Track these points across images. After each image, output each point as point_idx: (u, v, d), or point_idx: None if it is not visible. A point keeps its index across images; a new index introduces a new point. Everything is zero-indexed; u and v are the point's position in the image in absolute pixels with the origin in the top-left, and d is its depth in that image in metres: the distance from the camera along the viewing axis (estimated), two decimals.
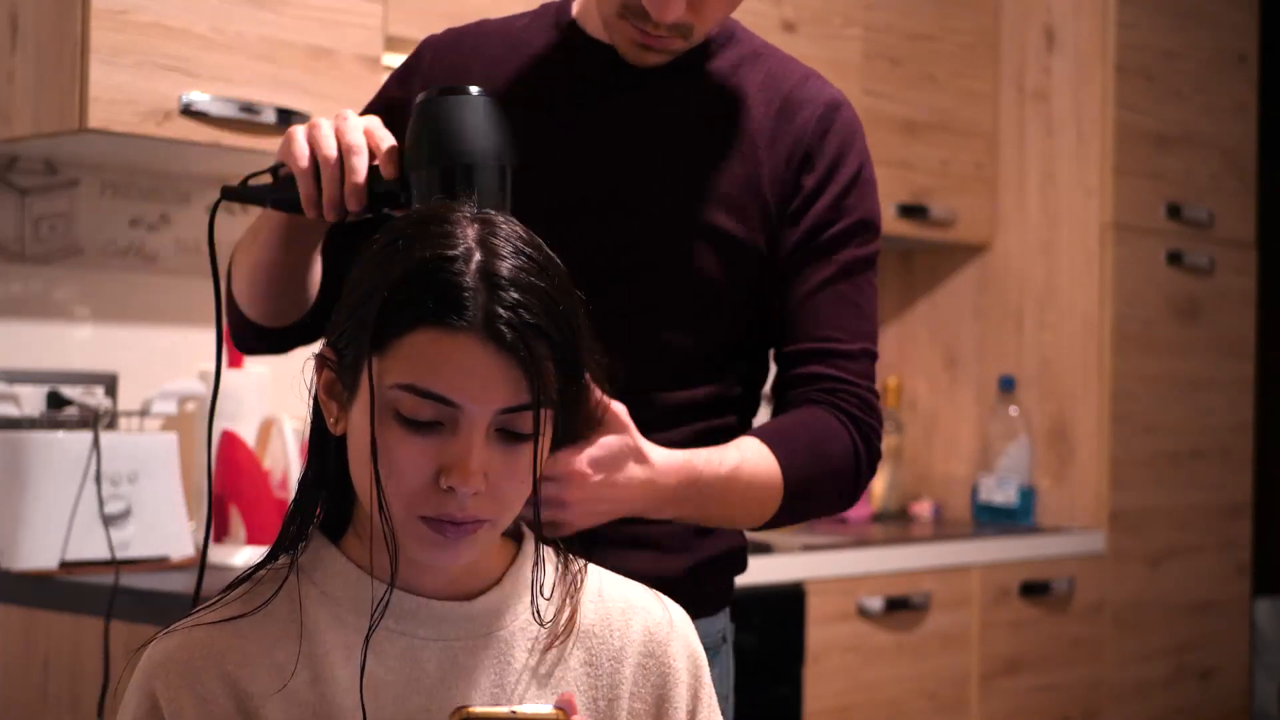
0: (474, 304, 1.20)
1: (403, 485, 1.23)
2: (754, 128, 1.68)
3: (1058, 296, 3.74)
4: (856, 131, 1.72)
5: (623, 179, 1.65)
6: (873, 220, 1.71)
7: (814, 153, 1.68)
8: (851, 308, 1.67)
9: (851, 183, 1.69)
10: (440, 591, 1.30)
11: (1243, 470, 4.06)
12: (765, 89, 1.70)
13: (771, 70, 1.72)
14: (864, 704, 3.13)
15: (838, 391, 1.64)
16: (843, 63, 3.47)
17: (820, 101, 1.71)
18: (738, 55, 1.73)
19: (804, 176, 1.67)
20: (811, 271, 1.66)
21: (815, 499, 1.63)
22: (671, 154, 1.66)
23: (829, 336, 1.65)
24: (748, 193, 1.66)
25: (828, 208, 1.67)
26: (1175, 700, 3.82)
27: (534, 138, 1.60)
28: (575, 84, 1.68)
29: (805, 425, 1.62)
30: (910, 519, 3.82)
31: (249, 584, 1.31)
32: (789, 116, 1.69)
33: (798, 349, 1.66)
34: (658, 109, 1.67)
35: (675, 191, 1.65)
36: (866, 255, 1.70)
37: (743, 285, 1.66)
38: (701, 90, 1.69)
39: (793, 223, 1.67)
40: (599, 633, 1.35)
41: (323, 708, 1.26)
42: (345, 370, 1.27)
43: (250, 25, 2.48)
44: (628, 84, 1.67)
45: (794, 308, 1.66)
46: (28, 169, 2.69)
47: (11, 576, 2.39)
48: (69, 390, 2.58)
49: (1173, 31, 3.84)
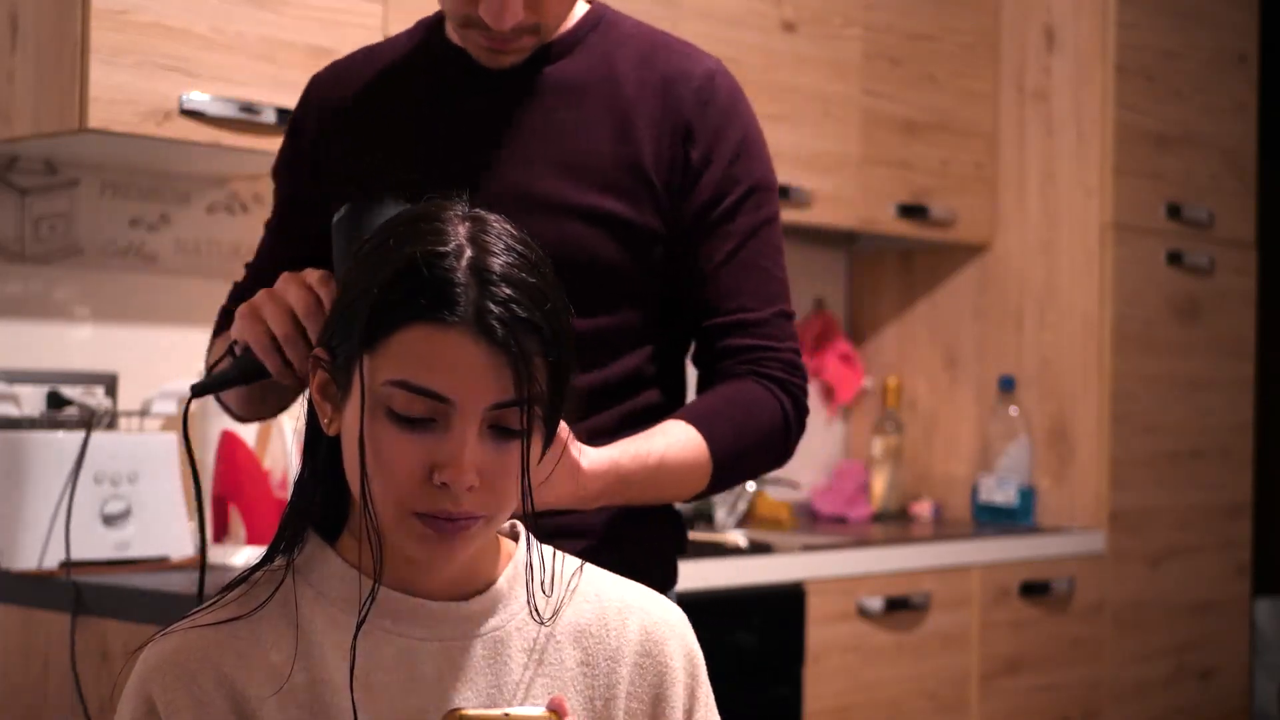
0: (465, 299, 1.20)
1: (396, 482, 1.23)
2: (631, 109, 1.70)
3: (1058, 296, 3.74)
4: (737, 97, 1.74)
5: (501, 179, 1.67)
6: (766, 183, 1.74)
7: (695, 126, 1.70)
8: (758, 273, 1.71)
9: (738, 151, 1.72)
10: (436, 592, 1.31)
11: (1243, 470, 4.06)
12: (639, 68, 1.72)
13: (643, 50, 1.74)
14: (864, 704, 3.13)
15: (759, 360, 1.70)
16: (843, 63, 3.47)
17: (696, 74, 1.72)
18: (606, 39, 1.74)
19: (689, 151, 1.70)
20: (713, 246, 1.70)
21: (746, 468, 1.70)
22: (547, 147, 1.68)
23: (741, 307, 1.70)
24: (631, 174, 1.68)
25: (718, 180, 1.70)
26: (1175, 700, 3.82)
27: (409, 150, 1.66)
28: (442, 93, 1.71)
29: (730, 400, 1.68)
30: (910, 519, 3.82)
31: (245, 586, 1.31)
32: (667, 93, 1.71)
33: (713, 324, 1.71)
34: (526, 105, 1.69)
35: (557, 182, 1.67)
36: (765, 217, 1.73)
37: (643, 266, 1.69)
38: (570, 79, 1.71)
39: (685, 199, 1.70)
40: (595, 632, 1.35)
41: (319, 708, 1.26)
42: (338, 370, 1.27)
43: (250, 25, 2.49)
44: (488, 86, 1.70)
45: (702, 283, 1.70)
46: (28, 169, 2.69)
47: (11, 576, 2.39)
48: (69, 390, 2.58)
49: (1173, 31, 3.84)
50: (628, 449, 1.59)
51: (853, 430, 4.05)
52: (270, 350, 1.50)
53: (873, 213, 3.55)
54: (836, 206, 3.46)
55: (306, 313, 1.47)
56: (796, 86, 3.37)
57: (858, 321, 4.09)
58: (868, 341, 4.06)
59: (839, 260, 4.07)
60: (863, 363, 4.02)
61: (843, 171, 3.47)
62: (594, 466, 1.53)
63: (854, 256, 4.09)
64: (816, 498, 3.82)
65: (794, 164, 3.35)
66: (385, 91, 1.75)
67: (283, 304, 1.49)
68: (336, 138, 1.75)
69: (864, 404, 4.03)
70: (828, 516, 3.76)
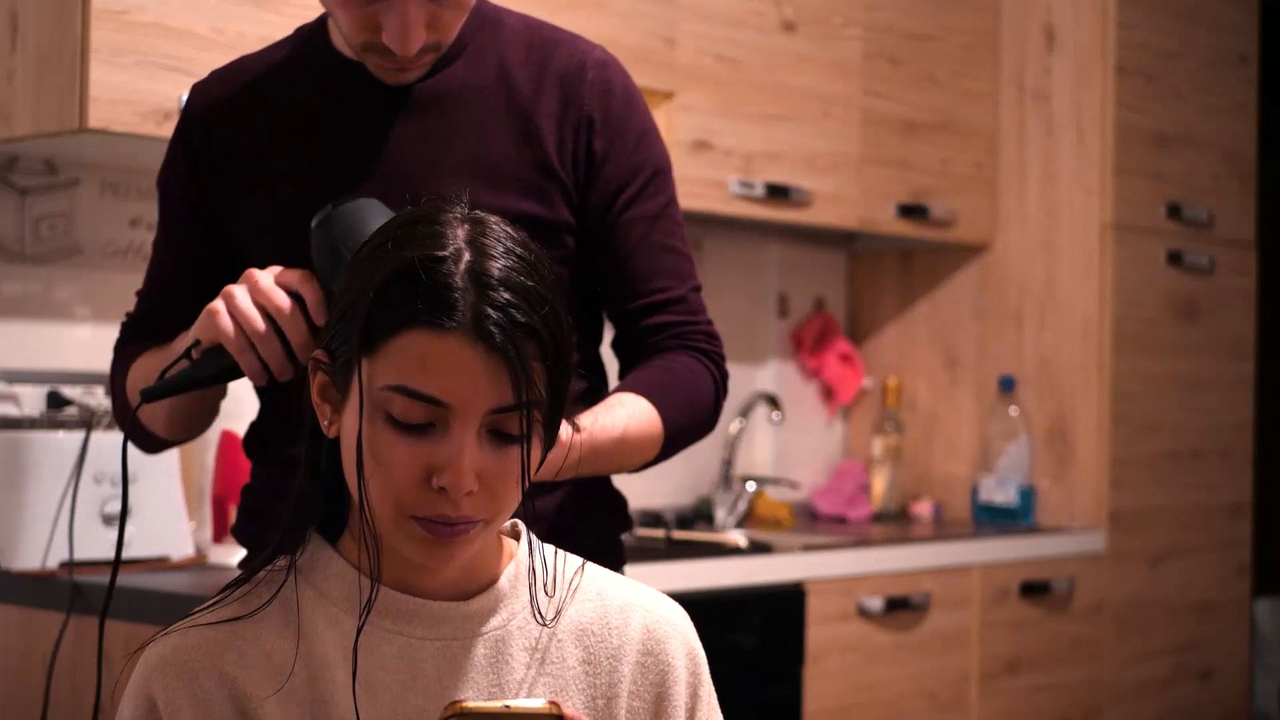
0: (463, 304, 1.20)
1: (395, 485, 1.23)
2: (530, 107, 1.72)
3: (1058, 296, 3.74)
4: (630, 85, 1.78)
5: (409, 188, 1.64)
6: (664, 165, 1.80)
7: (596, 118, 1.73)
8: (669, 253, 1.77)
9: (639, 138, 1.76)
10: (438, 592, 1.30)
11: (1243, 470, 4.06)
12: (530, 65, 1.73)
13: (531, 44, 1.75)
14: (864, 704, 3.13)
15: (686, 334, 1.76)
16: (843, 63, 3.47)
17: (589, 65, 1.75)
18: (494, 38, 1.75)
19: (593, 142, 1.73)
20: (624, 233, 1.74)
21: (687, 439, 1.75)
22: (452, 153, 1.69)
23: (661, 287, 1.76)
24: (540, 172, 1.70)
25: (623, 169, 1.74)
26: (1175, 700, 3.82)
27: (308, 166, 1.67)
28: (338, 103, 1.71)
29: (673, 373, 1.73)
30: (910, 519, 3.82)
31: (247, 585, 1.31)
32: (563, 87, 1.73)
33: (636, 306, 1.76)
34: (425, 112, 1.70)
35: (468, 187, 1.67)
36: (668, 198, 1.79)
37: (560, 260, 1.71)
38: (465, 83, 1.71)
39: (592, 190, 1.73)
40: (597, 631, 1.35)
41: (320, 708, 1.26)
42: (337, 372, 1.27)
43: (250, 25, 2.49)
44: (383, 95, 1.70)
45: (618, 268, 1.75)
46: (28, 169, 2.69)
47: (11, 576, 2.39)
48: (69, 390, 2.58)
49: (1173, 31, 3.84)
50: (597, 419, 1.62)
51: (853, 430, 4.05)
52: (246, 350, 1.48)
53: (873, 213, 3.55)
54: (836, 206, 3.46)
55: (283, 312, 1.46)
56: (796, 86, 3.37)
57: (858, 321, 4.09)
58: (868, 341, 4.06)
59: (839, 260, 4.07)
60: (863, 363, 4.02)
61: (843, 171, 3.47)
62: (574, 437, 1.55)
63: (854, 256, 4.09)
64: (816, 498, 3.81)
65: (794, 164, 3.35)
66: (277, 100, 1.73)
67: (257, 302, 1.47)
68: (231, 143, 1.73)
69: (864, 404, 4.03)
70: (828, 516, 3.76)
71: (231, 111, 1.74)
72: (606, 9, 2.94)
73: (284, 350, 1.48)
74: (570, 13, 2.83)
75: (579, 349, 1.76)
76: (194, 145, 1.75)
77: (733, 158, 3.21)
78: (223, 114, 1.74)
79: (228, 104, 1.74)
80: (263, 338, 1.47)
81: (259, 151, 1.71)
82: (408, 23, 1.59)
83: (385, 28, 1.60)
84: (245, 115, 1.73)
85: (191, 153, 1.75)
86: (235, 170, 1.72)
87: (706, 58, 3.17)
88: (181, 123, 1.78)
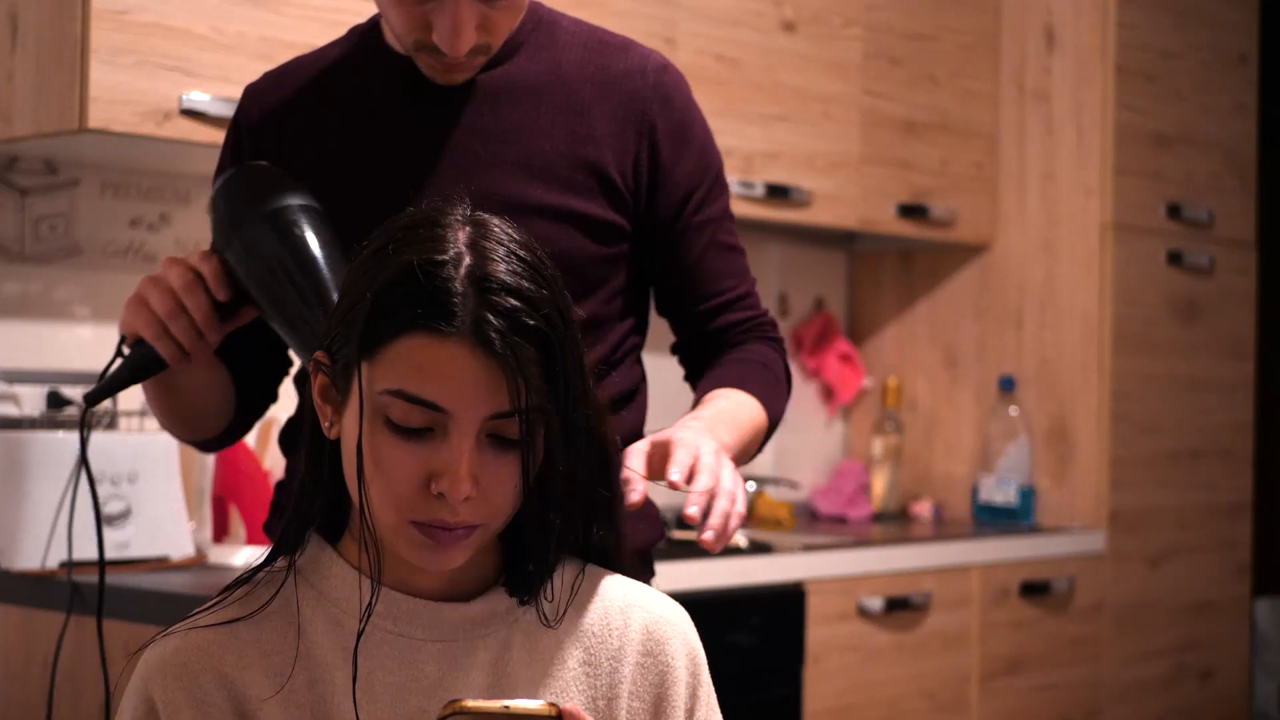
0: (463, 309, 1.19)
1: (394, 490, 1.22)
2: (585, 108, 1.72)
3: (1058, 296, 3.74)
4: (688, 89, 1.80)
5: (462, 184, 1.66)
6: (721, 166, 1.82)
7: (659, 124, 1.74)
8: (732, 252, 1.81)
9: (704, 144, 1.79)
10: (438, 593, 1.30)
11: (1243, 470, 4.06)
12: (587, 66, 1.74)
13: (588, 47, 1.76)
14: (864, 704, 3.13)
15: (756, 327, 1.82)
16: (843, 63, 3.47)
17: (649, 70, 1.75)
18: (549, 38, 1.75)
19: (656, 148, 1.73)
20: (694, 237, 1.77)
21: (777, 426, 1.80)
22: (504, 150, 1.69)
23: (728, 288, 1.80)
24: (591, 174, 1.70)
25: (692, 176, 1.76)
26: (1175, 700, 3.82)
27: (362, 163, 1.67)
28: (391, 101, 1.71)
29: (763, 364, 1.77)
30: (910, 519, 3.82)
31: (247, 586, 1.31)
32: (622, 90, 1.73)
33: (708, 307, 1.79)
34: (477, 109, 1.70)
35: (520, 184, 1.68)
36: (726, 201, 1.82)
37: (611, 259, 1.72)
38: (519, 81, 1.72)
39: (659, 195, 1.74)
40: (598, 632, 1.35)
41: (320, 709, 1.26)
42: (338, 375, 1.26)
43: (250, 25, 2.48)
44: (437, 93, 1.70)
45: (686, 271, 1.78)
46: (28, 169, 2.69)
47: (11, 576, 2.39)
48: (69, 390, 2.58)
49: (1173, 31, 3.84)
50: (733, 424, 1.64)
51: (853, 430, 4.05)
52: (163, 336, 1.51)
53: (873, 213, 3.55)
54: (836, 206, 3.46)
55: (186, 288, 1.49)
56: (796, 86, 3.37)
57: (858, 321, 4.09)
58: (868, 341, 4.06)
59: (839, 260, 4.07)
60: (863, 363, 4.02)
61: (843, 171, 3.47)
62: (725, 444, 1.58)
63: (854, 256, 4.09)
64: (816, 498, 3.81)
65: (794, 164, 3.35)
66: (330, 100, 1.73)
67: (163, 285, 1.50)
68: (284, 142, 1.73)
69: (864, 404, 4.02)
70: (828, 516, 3.76)
71: (286, 113, 1.74)
72: (606, 9, 2.94)
73: (192, 328, 1.50)
74: (570, 13, 2.82)
75: (621, 348, 1.77)
76: (244, 146, 1.75)
77: (733, 158, 3.21)
78: (277, 115, 1.75)
79: (282, 105, 1.75)
80: (171, 315, 1.50)
81: (313, 151, 1.72)
82: (459, 23, 1.60)
83: (436, 27, 1.60)
84: (299, 116, 1.73)
85: (242, 155, 1.75)
86: (289, 170, 1.72)
87: (706, 58, 3.17)
88: (233, 125, 1.78)
